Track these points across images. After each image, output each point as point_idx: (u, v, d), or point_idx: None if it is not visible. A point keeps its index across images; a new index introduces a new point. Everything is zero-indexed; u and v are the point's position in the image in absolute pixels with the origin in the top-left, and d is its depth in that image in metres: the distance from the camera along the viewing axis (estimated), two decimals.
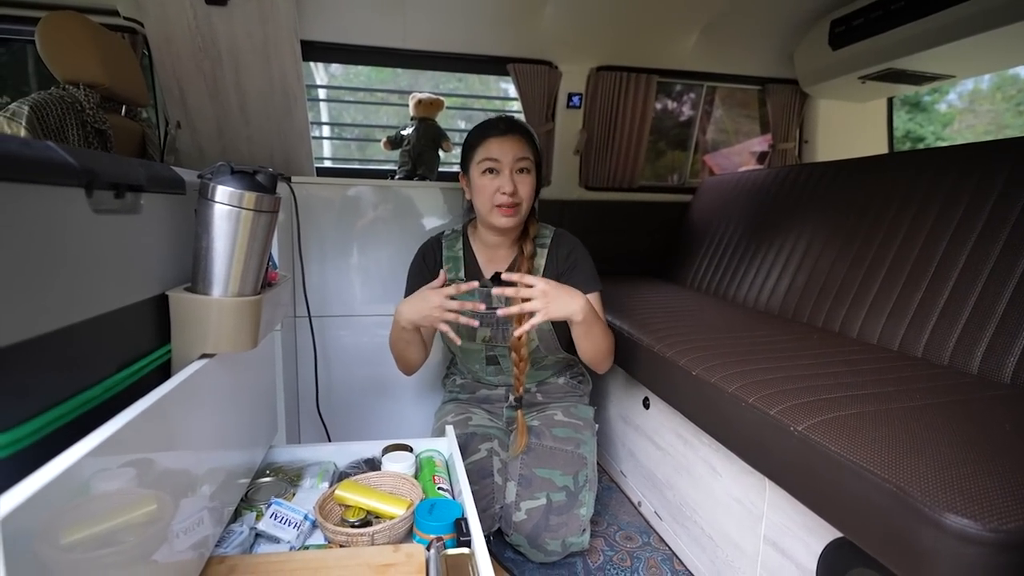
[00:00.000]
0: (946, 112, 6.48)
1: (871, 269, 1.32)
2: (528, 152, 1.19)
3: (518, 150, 1.17)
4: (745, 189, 1.98)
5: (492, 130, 1.19)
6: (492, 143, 1.18)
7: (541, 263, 1.27)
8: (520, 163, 1.17)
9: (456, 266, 1.29)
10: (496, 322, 1.25)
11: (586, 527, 1.20)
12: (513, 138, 1.17)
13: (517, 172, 1.17)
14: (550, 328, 1.25)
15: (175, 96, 1.72)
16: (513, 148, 1.17)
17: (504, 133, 1.18)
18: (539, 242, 1.28)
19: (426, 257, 1.32)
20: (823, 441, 0.75)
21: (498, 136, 1.17)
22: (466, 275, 1.29)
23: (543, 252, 1.27)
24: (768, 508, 0.96)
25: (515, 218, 1.18)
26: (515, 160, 1.16)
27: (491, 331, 1.26)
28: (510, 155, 1.16)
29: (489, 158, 1.17)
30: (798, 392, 0.90)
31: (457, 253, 1.31)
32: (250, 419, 0.94)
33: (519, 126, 1.21)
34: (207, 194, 0.70)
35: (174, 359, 0.72)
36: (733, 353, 1.12)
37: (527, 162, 1.18)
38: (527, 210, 1.22)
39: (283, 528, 0.86)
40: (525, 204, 1.19)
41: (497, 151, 1.17)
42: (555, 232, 1.30)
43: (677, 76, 2.25)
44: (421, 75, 2.21)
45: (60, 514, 0.42)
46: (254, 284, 0.76)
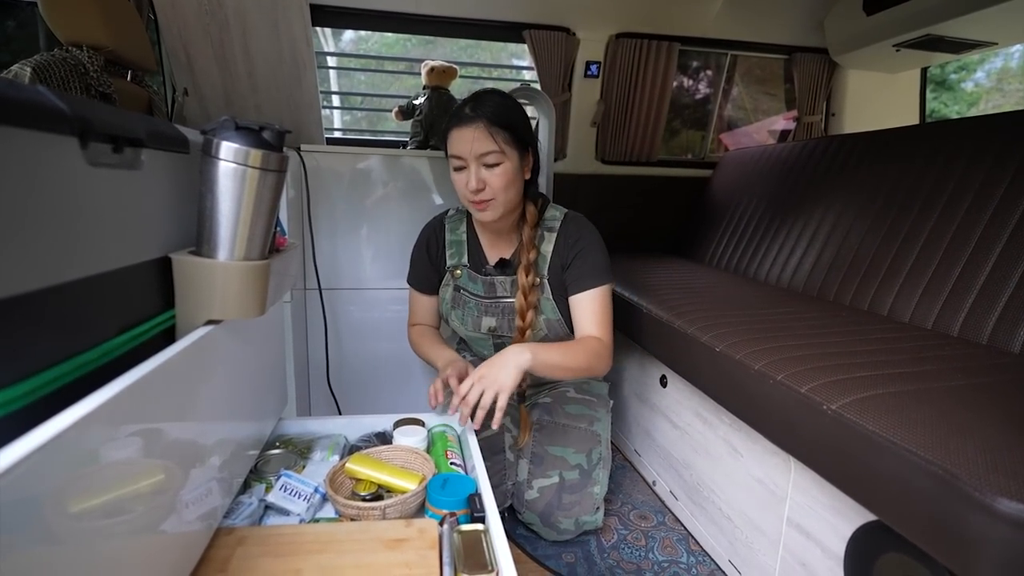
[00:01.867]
0: (972, 91, 6.22)
1: (905, 245, 1.26)
2: (494, 142, 1.02)
3: (480, 143, 1.01)
4: (769, 163, 1.91)
5: (456, 118, 1.04)
6: (454, 136, 1.04)
7: (548, 249, 1.15)
8: (485, 158, 1.02)
9: (459, 251, 1.22)
10: (501, 311, 1.19)
11: (599, 505, 1.18)
12: (475, 128, 1.01)
13: (484, 166, 1.03)
14: (559, 317, 1.17)
15: (182, 62, 1.68)
16: (475, 141, 1.01)
17: (466, 122, 1.02)
18: (547, 225, 1.16)
19: (429, 244, 1.24)
20: (860, 420, 0.71)
21: (459, 127, 1.03)
22: (469, 261, 1.21)
23: (551, 237, 1.15)
24: (793, 489, 0.93)
25: (490, 212, 1.07)
26: (478, 155, 1.02)
27: (496, 320, 1.19)
28: (472, 149, 1.02)
29: (453, 154, 1.05)
30: (830, 370, 0.85)
31: (460, 237, 1.23)
32: (259, 389, 0.92)
33: (486, 108, 1.03)
34: (211, 151, 0.66)
35: (178, 325, 0.69)
36: (758, 330, 1.08)
37: (494, 155, 1.02)
38: (508, 201, 1.08)
39: (293, 500, 0.84)
40: (501, 196, 1.05)
41: (458, 145, 1.04)
42: (566, 215, 1.18)
43: (700, 44, 2.16)
44: (433, 50, 2.14)
45: (62, 479, 0.40)
46: (261, 248, 0.73)
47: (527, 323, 1.15)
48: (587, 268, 1.12)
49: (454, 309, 1.23)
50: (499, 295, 1.19)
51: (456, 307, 1.22)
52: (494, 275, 1.19)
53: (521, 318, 1.14)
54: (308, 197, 1.47)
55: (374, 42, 2.74)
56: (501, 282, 1.18)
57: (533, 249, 1.14)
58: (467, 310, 1.21)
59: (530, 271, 1.13)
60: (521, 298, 1.14)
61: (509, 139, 1.04)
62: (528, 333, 1.16)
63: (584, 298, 1.12)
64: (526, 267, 1.13)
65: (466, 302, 1.21)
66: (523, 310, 1.14)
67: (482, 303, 1.19)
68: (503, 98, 1.07)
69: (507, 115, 1.04)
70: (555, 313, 1.18)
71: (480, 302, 1.19)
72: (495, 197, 1.05)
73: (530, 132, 1.09)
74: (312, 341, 1.56)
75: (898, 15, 1.80)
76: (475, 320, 1.20)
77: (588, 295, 1.11)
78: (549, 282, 1.16)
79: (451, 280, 1.23)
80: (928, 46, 1.83)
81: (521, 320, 1.14)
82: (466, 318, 1.21)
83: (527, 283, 1.13)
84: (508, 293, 1.18)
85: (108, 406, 0.45)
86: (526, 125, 1.08)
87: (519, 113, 1.08)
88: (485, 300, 1.19)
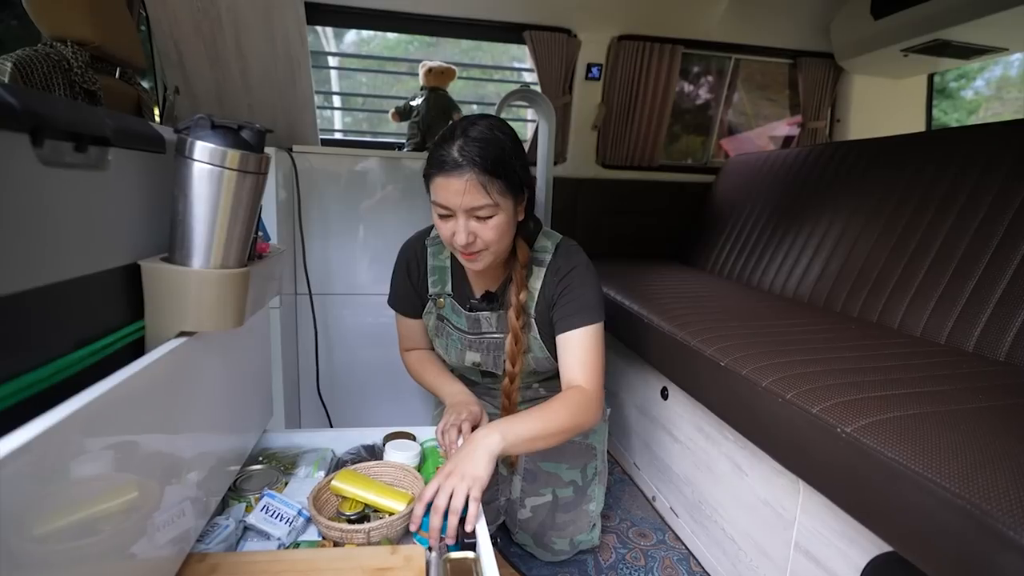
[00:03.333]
0: (972, 99, 6.20)
1: (916, 255, 1.21)
2: (487, 196, 0.85)
3: (472, 197, 0.85)
4: (773, 169, 1.87)
5: (438, 165, 0.87)
6: (440, 184, 0.87)
7: (537, 285, 1.01)
8: (475, 211, 0.87)
9: (442, 278, 1.08)
10: (487, 347, 1.07)
11: (596, 522, 1.13)
12: (462, 180, 0.84)
13: (475, 219, 0.88)
14: (547, 355, 1.06)
15: (173, 60, 1.63)
16: (463, 195, 0.85)
17: (452, 171, 0.85)
18: (536, 259, 1.02)
19: (410, 268, 1.10)
20: (877, 446, 0.67)
21: (446, 176, 0.86)
22: (453, 291, 1.08)
23: (539, 272, 1.02)
24: (802, 513, 0.88)
25: (481, 262, 0.93)
26: (467, 209, 0.87)
27: (481, 356, 1.08)
28: (461, 202, 0.86)
29: (437, 203, 0.89)
30: (842, 389, 0.81)
31: (444, 263, 1.08)
32: (240, 402, 0.87)
33: (475, 150, 0.85)
34: (184, 151, 0.62)
35: (148, 337, 0.64)
36: (764, 343, 1.03)
37: (486, 208, 0.86)
38: (501, 251, 0.95)
39: (274, 523, 0.79)
40: (493, 246, 0.91)
41: (444, 196, 0.87)
42: (558, 247, 1.03)
43: (703, 47, 2.12)
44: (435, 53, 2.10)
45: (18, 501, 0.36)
46: (239, 255, 0.68)
47: (517, 369, 1.03)
48: (574, 305, 0.98)
49: (437, 338, 1.12)
50: (484, 331, 1.07)
51: (439, 336, 1.12)
52: (480, 310, 1.06)
53: (511, 363, 1.03)
54: (299, 199, 1.42)
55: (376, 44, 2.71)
56: (487, 317, 1.06)
57: (524, 289, 1.00)
58: (451, 342, 1.10)
59: (520, 313, 1.01)
60: (512, 343, 1.01)
61: (504, 188, 0.87)
62: (517, 380, 1.06)
63: (570, 339, 0.97)
64: (516, 309, 1.00)
65: (449, 334, 1.10)
66: (513, 355, 1.02)
67: (465, 338, 1.08)
68: (493, 131, 0.88)
69: (502, 157, 0.86)
70: (543, 351, 1.06)
71: (464, 337, 1.08)
72: (487, 248, 0.91)
73: (525, 168, 0.92)
74: (303, 348, 1.52)
75: (906, 19, 1.76)
76: (459, 353, 1.10)
77: (575, 335, 0.97)
78: (536, 320, 1.04)
79: (434, 308, 1.11)
80: (936, 51, 1.79)
81: (511, 365, 1.03)
82: (450, 349, 1.11)
83: (518, 326, 1.00)
84: (494, 329, 1.06)
85: (66, 423, 0.40)
86: (522, 162, 0.91)
87: (513, 150, 0.89)
88: (469, 336, 1.08)
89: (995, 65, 5.84)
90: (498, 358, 1.07)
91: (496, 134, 0.88)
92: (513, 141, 0.90)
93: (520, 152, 0.91)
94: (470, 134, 0.86)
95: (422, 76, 1.89)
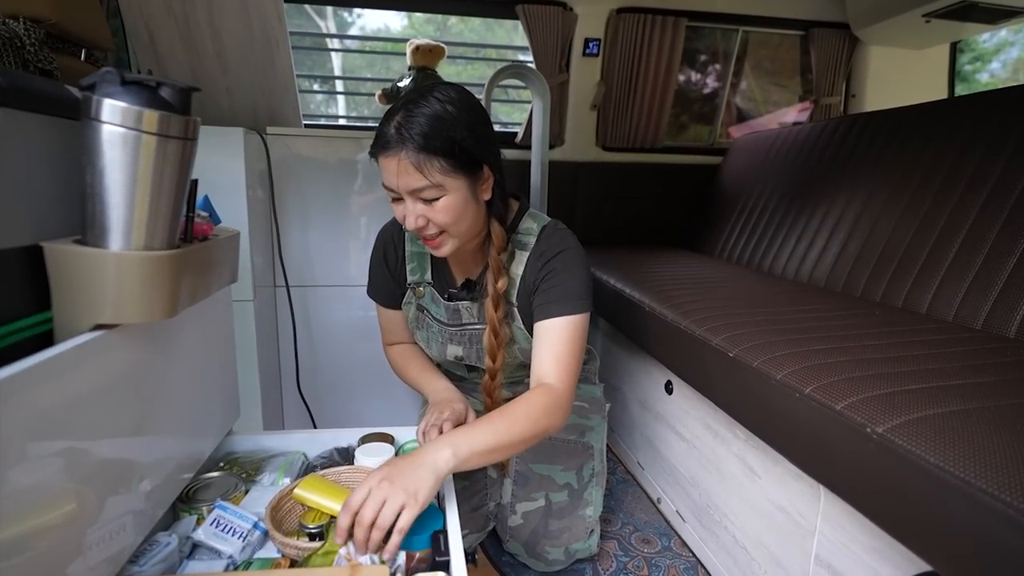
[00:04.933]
0: (988, 82, 5.97)
1: (945, 234, 1.10)
2: (423, 176, 0.76)
3: (409, 179, 0.76)
4: (784, 147, 1.75)
5: (378, 143, 0.79)
6: (381, 164, 0.80)
7: (519, 271, 0.92)
8: (420, 193, 0.78)
9: (421, 265, 0.99)
10: (468, 339, 0.99)
11: (594, 528, 1.03)
12: (405, 158, 0.75)
13: (422, 202, 0.79)
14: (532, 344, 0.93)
15: (143, 41, 1.55)
16: (402, 176, 0.77)
17: (387, 151, 0.77)
18: (519, 241, 0.92)
19: (387, 254, 1.01)
20: (915, 448, 0.56)
21: (385, 155, 0.77)
22: (433, 278, 0.99)
23: (522, 257, 0.92)
24: (823, 522, 0.78)
25: (444, 246, 0.84)
26: (409, 192, 0.78)
27: (463, 350, 1.00)
28: (404, 183, 0.77)
29: (384, 184, 0.81)
30: (870, 381, 0.70)
31: (422, 248, 0.98)
32: (192, 403, 0.79)
33: (414, 127, 0.75)
34: (91, 112, 0.52)
35: (57, 331, 0.56)
36: (778, 332, 0.93)
37: (431, 190, 0.77)
38: (464, 232, 0.85)
39: (225, 538, 0.71)
40: (452, 230, 0.82)
41: (385, 176, 0.80)
42: (544, 228, 0.93)
43: (709, 19, 2.00)
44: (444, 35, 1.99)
45: None
46: (167, 235, 0.59)
47: (498, 365, 0.94)
48: (556, 292, 0.88)
49: (418, 330, 1.04)
50: (465, 322, 0.98)
51: (420, 328, 1.03)
52: (459, 300, 0.97)
53: (491, 358, 0.94)
54: (272, 184, 1.33)
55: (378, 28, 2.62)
56: (467, 307, 0.97)
57: (503, 276, 0.90)
58: (431, 334, 1.02)
59: (500, 303, 0.91)
60: (490, 336, 0.92)
61: (447, 167, 0.76)
62: (499, 377, 0.96)
63: (547, 328, 0.87)
64: (495, 298, 0.90)
65: (429, 326, 1.01)
66: (493, 350, 0.93)
67: (446, 330, 1.00)
68: (442, 103, 0.77)
69: (444, 132, 0.76)
70: (528, 342, 0.96)
71: (444, 328, 1.00)
72: (445, 229, 0.82)
73: (483, 144, 0.81)
74: (284, 345, 1.43)
75: None
76: (440, 346, 1.01)
77: (552, 325, 0.87)
78: (518, 309, 0.95)
79: (413, 298, 1.02)
80: (961, 15, 1.66)
81: (492, 361, 0.94)
82: (431, 343, 1.02)
83: (496, 317, 0.91)
84: (475, 319, 0.98)
85: None
86: (476, 137, 0.79)
87: (465, 122, 0.78)
88: (450, 327, 0.99)
89: (1011, 47, 5.61)
90: (481, 350, 0.97)
91: (444, 107, 0.77)
92: (469, 112, 0.79)
93: (477, 126, 0.80)
94: (412, 109, 0.76)
95: (409, 55, 1.79)
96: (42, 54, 1.20)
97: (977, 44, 3.38)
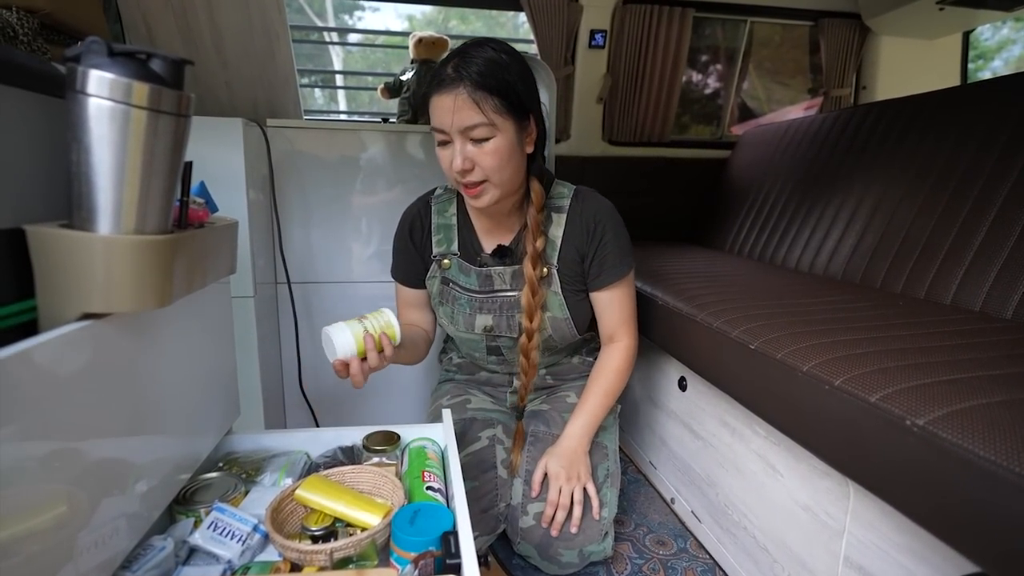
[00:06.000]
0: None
1: (969, 223, 1.06)
2: (481, 113, 0.80)
3: (463, 114, 0.81)
4: (795, 139, 1.71)
5: (435, 82, 0.84)
6: (434, 105, 0.84)
7: (558, 233, 0.96)
8: (471, 132, 0.82)
9: (448, 236, 1.01)
10: (499, 307, 0.99)
11: (608, 530, 0.99)
12: (459, 95, 0.80)
13: (471, 142, 0.83)
14: (566, 316, 0.99)
15: (141, 35, 1.52)
16: (457, 112, 0.81)
17: (446, 88, 0.81)
18: (553, 205, 0.97)
19: (413, 230, 1.03)
20: (961, 441, 0.52)
21: (439, 94, 0.82)
22: (460, 248, 1.00)
23: (559, 219, 0.97)
24: (852, 522, 0.74)
25: (485, 197, 0.87)
26: (462, 129, 0.82)
27: (493, 319, 1.00)
28: (455, 121, 0.81)
29: (434, 127, 0.85)
30: (903, 372, 0.66)
31: (449, 220, 1.02)
32: (189, 400, 0.75)
33: (472, 67, 0.81)
34: (76, 84, 0.49)
35: (42, 320, 0.52)
36: (799, 323, 0.89)
37: (482, 128, 0.81)
38: (505, 182, 0.87)
39: (223, 542, 0.67)
40: (495, 177, 0.85)
41: (439, 117, 0.83)
42: (576, 191, 0.99)
43: (715, 10, 1.96)
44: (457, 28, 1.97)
45: None
46: (159, 219, 0.56)
47: (535, 325, 0.96)
48: (615, 257, 0.97)
49: (442, 305, 1.03)
50: (497, 288, 0.99)
51: (444, 303, 1.02)
52: (491, 266, 0.98)
53: (528, 318, 0.96)
54: (272, 177, 1.30)
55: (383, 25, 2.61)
56: (500, 273, 0.98)
57: (541, 236, 0.94)
58: (457, 307, 1.01)
59: (538, 262, 0.94)
60: (528, 295, 0.94)
61: (501, 106, 0.81)
62: (536, 337, 0.97)
63: (611, 295, 0.99)
64: (533, 258, 0.93)
65: (456, 298, 1.01)
66: (531, 309, 0.95)
67: (476, 299, 0.99)
68: (496, 51, 0.84)
69: (499, 74, 0.82)
70: (562, 310, 0.98)
71: (473, 298, 1.00)
72: (488, 179, 0.85)
73: (532, 95, 0.88)
74: (286, 342, 1.40)
75: None
76: (467, 318, 1.00)
77: (616, 291, 0.99)
78: (559, 272, 0.97)
79: (438, 271, 1.02)
80: (976, 1, 1.62)
81: (528, 321, 0.96)
82: (456, 316, 1.01)
83: (535, 276, 0.94)
84: (508, 286, 0.99)
85: None
86: (527, 86, 0.86)
87: (517, 70, 0.85)
88: (479, 295, 0.99)
89: (1013, 44, 5.56)
90: (512, 319, 0.98)
91: (499, 55, 0.84)
92: (519, 64, 0.86)
93: (527, 77, 0.87)
94: (469, 52, 0.83)
95: (412, 48, 1.76)
96: (35, 44, 1.17)
97: (979, 42, 3.36)
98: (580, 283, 0.99)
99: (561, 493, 0.93)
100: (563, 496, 0.93)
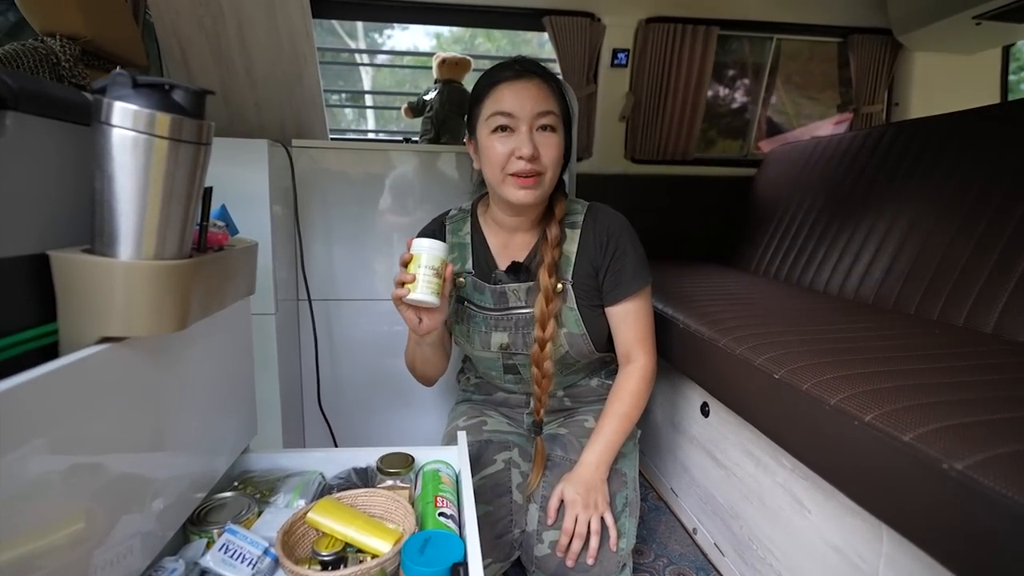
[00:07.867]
0: None
1: (1011, 247, 1.01)
2: (553, 103, 0.88)
3: (539, 100, 0.87)
4: (824, 157, 1.67)
5: (504, 73, 0.89)
6: (504, 91, 0.87)
7: (572, 249, 0.97)
8: (542, 118, 0.87)
9: (462, 255, 1.02)
10: (515, 324, 0.99)
11: (626, 562, 0.96)
12: (532, 84, 0.87)
13: (539, 130, 0.87)
14: (583, 332, 0.98)
15: (176, 59, 1.58)
16: (532, 97, 0.86)
17: (519, 77, 0.87)
18: (568, 220, 0.99)
19: None
20: (1005, 491, 0.49)
21: (511, 81, 0.87)
22: (475, 266, 1.01)
23: (573, 235, 0.98)
24: (886, 567, 0.70)
25: (536, 191, 0.89)
26: (535, 115, 0.86)
27: (509, 336, 1.00)
28: (528, 107, 0.86)
29: (500, 111, 0.87)
30: (941, 409, 0.63)
31: (464, 239, 1.03)
32: (206, 419, 0.76)
33: (539, 70, 0.90)
34: (101, 115, 0.50)
35: (63, 343, 0.53)
36: (827, 352, 0.85)
37: (552, 117, 0.88)
38: (552, 181, 0.91)
39: (234, 565, 0.67)
40: (550, 173, 0.89)
41: (510, 102, 0.87)
42: (588, 207, 1.00)
43: (741, 27, 1.94)
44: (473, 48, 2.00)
45: None
46: (178, 244, 0.56)
47: (548, 335, 0.95)
48: (627, 272, 0.96)
49: (458, 324, 1.03)
50: (512, 306, 0.99)
51: (460, 321, 1.03)
52: (505, 282, 0.99)
53: (541, 327, 0.95)
54: (296, 196, 1.32)
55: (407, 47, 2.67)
56: (514, 290, 0.98)
57: (557, 247, 0.95)
58: (473, 325, 1.01)
59: (553, 272, 0.95)
60: (542, 302, 0.94)
61: (560, 110, 0.90)
62: (548, 348, 0.96)
63: (627, 310, 0.98)
64: (549, 267, 0.94)
65: (472, 316, 1.01)
66: (544, 318, 0.94)
67: (491, 317, 1.00)
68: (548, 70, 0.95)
69: (557, 83, 0.92)
70: (579, 326, 0.97)
71: (488, 316, 1.00)
72: (545, 172, 0.89)
73: (570, 112, 0.96)
74: (306, 360, 1.41)
75: None
76: (483, 337, 1.00)
77: (631, 306, 0.97)
78: (574, 288, 0.97)
79: (453, 290, 1.03)
80: (1016, 15, 1.56)
81: (541, 330, 0.95)
82: (472, 335, 1.01)
83: (550, 285, 0.94)
84: (523, 303, 0.99)
85: None
86: (567, 104, 0.95)
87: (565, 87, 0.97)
88: (494, 313, 0.99)
89: None
90: (528, 335, 0.98)
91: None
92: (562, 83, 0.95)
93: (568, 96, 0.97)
94: (526, 59, 0.92)
95: (435, 68, 1.79)
96: (76, 69, 1.23)
97: (1021, 53, 3.24)
98: (596, 298, 0.99)
99: (577, 522, 0.90)
100: (579, 525, 0.90)
